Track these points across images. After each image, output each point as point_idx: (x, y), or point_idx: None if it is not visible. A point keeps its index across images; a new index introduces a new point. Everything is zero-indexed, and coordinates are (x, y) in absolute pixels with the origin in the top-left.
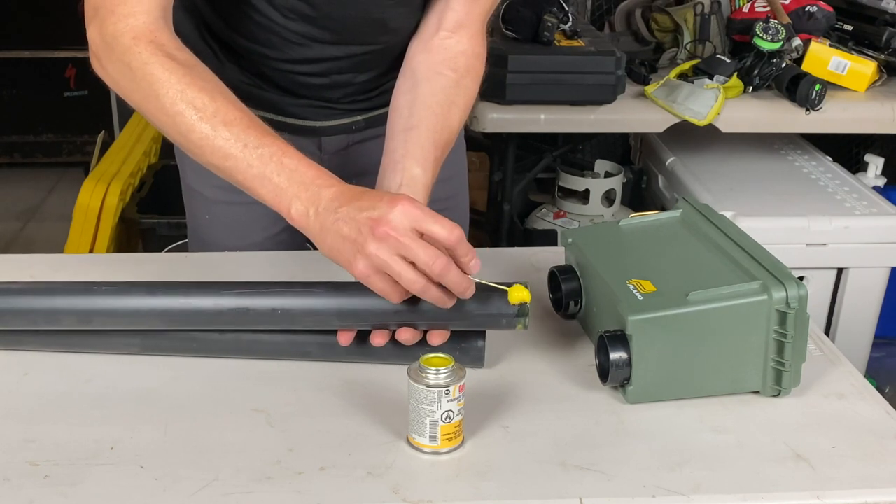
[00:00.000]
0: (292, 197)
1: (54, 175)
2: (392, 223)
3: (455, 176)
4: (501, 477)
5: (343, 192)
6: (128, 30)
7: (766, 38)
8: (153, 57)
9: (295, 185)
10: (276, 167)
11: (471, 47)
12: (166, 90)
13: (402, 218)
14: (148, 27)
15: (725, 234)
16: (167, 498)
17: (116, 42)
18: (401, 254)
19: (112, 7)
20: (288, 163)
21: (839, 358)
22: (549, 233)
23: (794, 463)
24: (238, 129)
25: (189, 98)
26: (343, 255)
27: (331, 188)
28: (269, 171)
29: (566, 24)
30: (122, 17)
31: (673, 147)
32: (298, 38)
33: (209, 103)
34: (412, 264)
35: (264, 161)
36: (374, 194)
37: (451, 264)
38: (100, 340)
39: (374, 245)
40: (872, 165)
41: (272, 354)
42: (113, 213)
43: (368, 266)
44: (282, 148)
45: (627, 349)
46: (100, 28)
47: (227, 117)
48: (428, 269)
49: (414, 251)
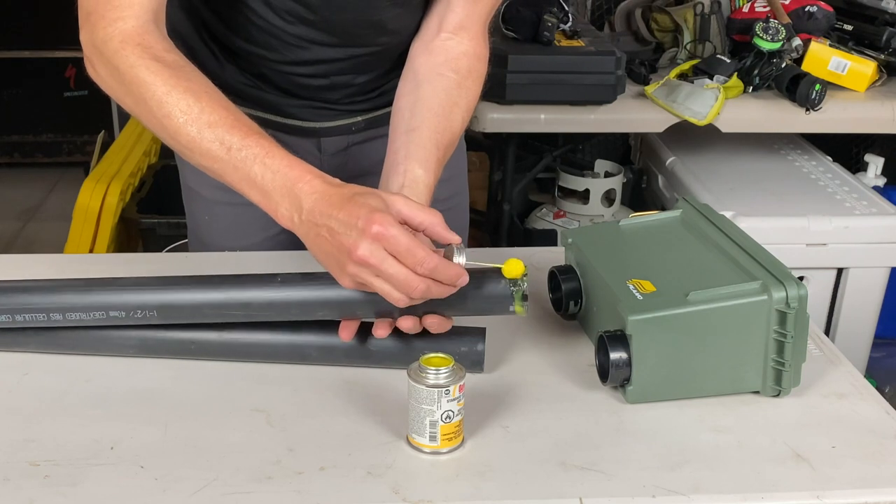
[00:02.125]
0: (277, 201)
1: (54, 175)
2: (366, 252)
3: (455, 176)
4: (501, 477)
5: (323, 198)
6: (116, 33)
7: (766, 38)
8: (139, 60)
9: (278, 189)
10: (260, 169)
11: (472, 48)
12: (152, 93)
13: (375, 247)
14: (136, 30)
15: (725, 234)
16: (167, 498)
17: (106, 46)
18: (380, 276)
19: (102, 12)
20: (271, 164)
21: (839, 358)
22: (549, 233)
23: (794, 463)
24: (222, 130)
25: (174, 100)
26: (330, 266)
27: (312, 194)
28: (253, 174)
29: (566, 24)
30: (112, 21)
31: (673, 147)
32: (297, 40)
33: (194, 104)
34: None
35: (248, 164)
36: (352, 207)
37: (430, 287)
38: (98, 342)
39: (354, 267)
40: (872, 165)
41: (271, 358)
42: (113, 213)
43: (353, 283)
44: (265, 148)
45: (627, 349)
46: (91, 33)
47: (211, 118)
48: (409, 294)
49: (394, 279)
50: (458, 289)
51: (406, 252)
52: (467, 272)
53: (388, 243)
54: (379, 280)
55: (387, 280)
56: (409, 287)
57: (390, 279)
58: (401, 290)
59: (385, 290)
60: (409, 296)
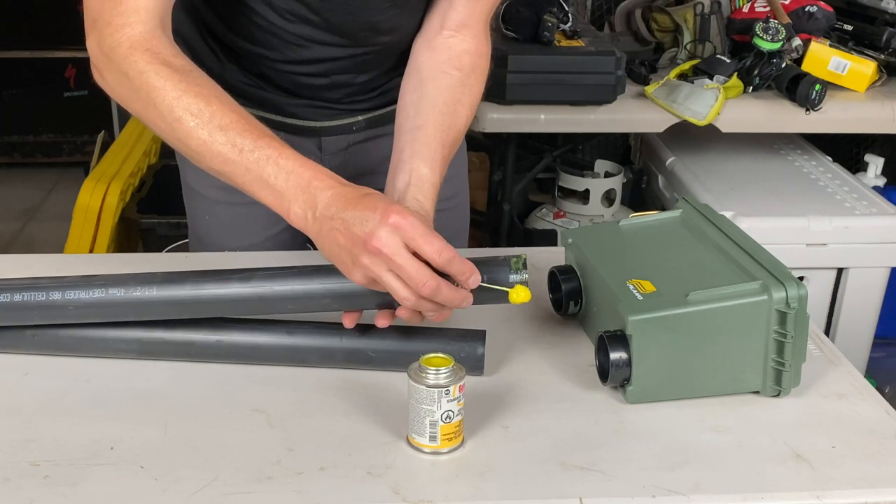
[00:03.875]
0: (290, 200)
1: (54, 175)
2: (382, 240)
3: (456, 176)
4: (501, 477)
5: (339, 195)
6: (124, 39)
7: (766, 38)
8: (149, 65)
9: (292, 189)
10: (273, 170)
11: (475, 46)
12: (162, 98)
13: (392, 236)
14: (144, 36)
15: (725, 234)
16: (167, 498)
17: (114, 52)
18: (392, 270)
19: (109, 18)
20: (284, 164)
21: (839, 358)
22: (549, 233)
23: (794, 463)
24: (234, 133)
25: (185, 104)
26: (341, 262)
27: (327, 191)
28: (266, 175)
29: (566, 24)
30: (119, 27)
31: (673, 147)
32: (298, 39)
33: (205, 108)
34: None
35: (261, 165)
36: (368, 201)
37: (441, 285)
38: (97, 344)
39: (368, 258)
40: (872, 165)
41: (269, 361)
42: (113, 213)
43: (364, 276)
44: (278, 149)
45: (627, 349)
46: (98, 39)
47: (222, 122)
48: (417, 290)
49: (405, 271)
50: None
51: (423, 239)
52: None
53: (406, 232)
54: (389, 275)
55: (398, 272)
56: (420, 282)
57: (401, 271)
58: (411, 284)
59: (394, 286)
60: (419, 292)
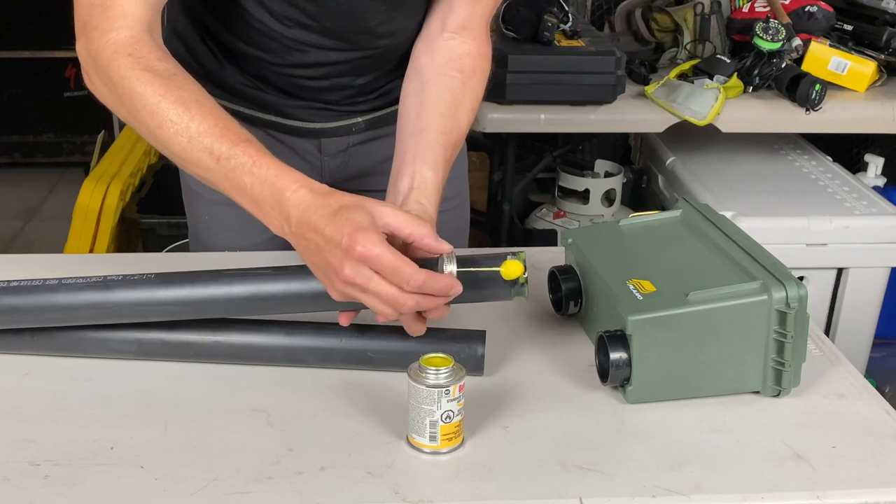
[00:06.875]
0: (268, 212)
1: (54, 175)
2: (352, 272)
3: (457, 176)
4: (501, 477)
5: (309, 209)
6: (109, 44)
7: (766, 38)
8: (130, 70)
9: (268, 200)
10: (249, 179)
11: (475, 47)
12: (143, 103)
13: (359, 268)
14: (128, 41)
15: (725, 234)
16: (167, 498)
17: (99, 56)
18: (367, 293)
19: (96, 23)
20: (258, 173)
21: (839, 358)
22: (549, 233)
23: (794, 463)
24: (211, 139)
25: (164, 110)
26: (320, 279)
27: (298, 206)
28: (243, 184)
29: (566, 24)
30: (105, 32)
31: (673, 147)
32: (296, 44)
33: (183, 114)
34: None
35: (237, 174)
36: (337, 223)
37: (420, 302)
38: (97, 345)
39: (342, 284)
40: (872, 165)
41: (268, 361)
42: (113, 213)
43: (343, 296)
44: (252, 157)
45: (627, 349)
46: (86, 43)
47: (200, 127)
48: (397, 309)
49: (382, 297)
50: (451, 299)
51: (391, 272)
52: (466, 261)
53: (373, 263)
54: (367, 295)
55: (374, 296)
56: (398, 304)
57: (378, 296)
58: (391, 305)
59: (374, 305)
60: (399, 311)
